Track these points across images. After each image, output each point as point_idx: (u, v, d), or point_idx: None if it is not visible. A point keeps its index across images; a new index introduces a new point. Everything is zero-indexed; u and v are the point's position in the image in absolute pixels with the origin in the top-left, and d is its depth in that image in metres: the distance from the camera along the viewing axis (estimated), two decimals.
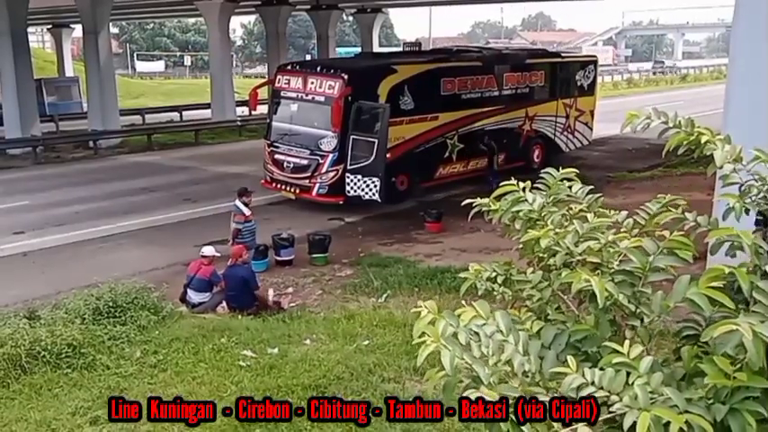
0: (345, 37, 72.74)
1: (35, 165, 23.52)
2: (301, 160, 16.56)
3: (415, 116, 17.29)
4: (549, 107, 21.47)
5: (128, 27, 78.17)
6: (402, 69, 17.31)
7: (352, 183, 15.82)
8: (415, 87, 17.19)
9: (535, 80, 20.99)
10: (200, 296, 10.25)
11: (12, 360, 6.98)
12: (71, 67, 48.71)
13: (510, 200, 2.91)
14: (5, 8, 24.76)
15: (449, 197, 17.39)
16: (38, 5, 27.35)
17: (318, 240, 13.04)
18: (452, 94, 18.39)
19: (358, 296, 10.70)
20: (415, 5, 46.29)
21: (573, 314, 2.62)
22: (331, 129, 16.00)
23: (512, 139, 20.16)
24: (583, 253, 2.62)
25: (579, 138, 22.84)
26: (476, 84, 18.99)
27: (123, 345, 7.70)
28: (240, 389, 6.55)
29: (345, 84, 15.96)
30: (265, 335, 8.14)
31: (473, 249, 13.10)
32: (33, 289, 11.09)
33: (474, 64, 19.54)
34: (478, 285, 2.91)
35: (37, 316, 8.13)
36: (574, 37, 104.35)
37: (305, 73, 16.97)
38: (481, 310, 2.47)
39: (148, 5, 38.09)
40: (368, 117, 15.91)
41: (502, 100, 19.74)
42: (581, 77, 22.60)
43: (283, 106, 17.43)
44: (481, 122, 19.10)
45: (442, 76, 18.07)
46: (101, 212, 16.37)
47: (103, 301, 8.30)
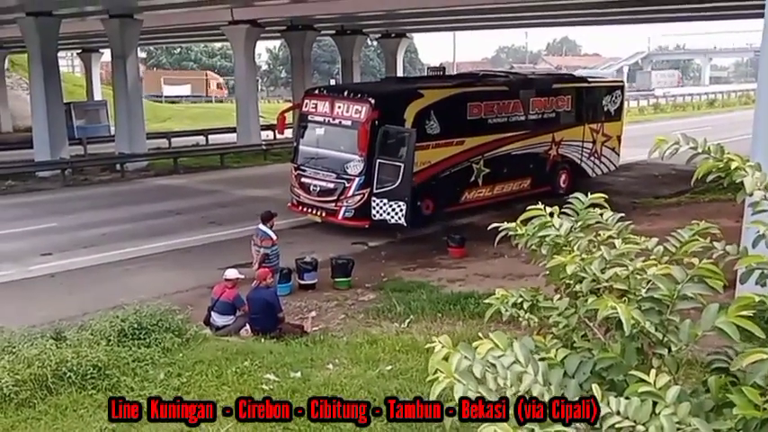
0: (370, 62, 73.26)
1: (63, 187, 23.91)
2: (328, 184, 16.61)
3: (440, 140, 17.32)
4: (576, 132, 21.42)
5: (155, 51, 79.32)
6: (428, 94, 17.38)
7: (378, 207, 15.86)
8: (441, 112, 17.23)
9: (562, 105, 20.95)
10: (224, 319, 10.28)
11: (38, 380, 7.02)
12: (100, 90, 49.44)
13: (536, 225, 2.89)
14: (37, 33, 25.32)
15: (472, 222, 17.38)
16: (68, 30, 27.85)
17: (341, 264, 13.06)
18: (478, 119, 18.40)
19: (381, 321, 10.66)
20: (440, 30, 46.44)
21: (599, 342, 2.59)
22: (357, 153, 16.09)
23: (538, 164, 20.12)
24: (609, 279, 2.60)
25: (606, 163, 22.73)
26: (502, 108, 18.99)
27: (147, 367, 7.71)
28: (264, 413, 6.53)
29: (372, 108, 16.05)
30: (288, 359, 8.13)
31: (497, 275, 13.03)
32: (60, 310, 11.19)
33: (500, 88, 19.62)
34: (503, 311, 2.89)
35: (63, 337, 8.16)
36: (599, 62, 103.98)
37: (332, 97, 17.08)
38: (498, 342, 2.44)
39: (176, 30, 38.58)
40: (394, 141, 15.96)
41: (528, 125, 19.73)
42: (608, 103, 22.54)
43: (310, 130, 17.54)
44: (507, 147, 19.08)
45: (468, 101, 18.11)
46: (127, 235, 16.55)
47: (129, 323, 8.34)
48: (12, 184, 23.90)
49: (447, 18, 32.59)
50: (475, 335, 8.54)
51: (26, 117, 34.94)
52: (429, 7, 26.62)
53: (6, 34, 34.29)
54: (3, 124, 44.02)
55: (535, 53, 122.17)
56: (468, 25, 40.13)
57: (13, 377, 6.96)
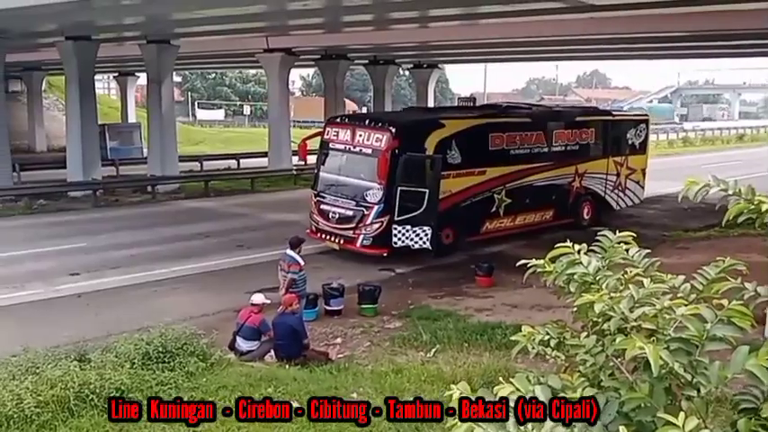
0: (401, 91, 73.70)
1: (94, 207, 24.24)
2: (346, 211, 16.69)
3: (462, 170, 17.38)
4: (600, 165, 21.39)
5: (190, 76, 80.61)
6: (450, 124, 17.49)
7: (400, 233, 15.94)
8: (462, 142, 17.31)
9: (585, 137, 20.96)
10: (249, 344, 10.26)
11: (60, 402, 6.97)
12: (134, 113, 50.26)
13: (565, 262, 2.86)
14: (75, 57, 25.90)
15: (501, 251, 17.27)
16: (106, 54, 28.43)
17: (368, 291, 13.03)
18: (500, 150, 18.46)
19: (406, 349, 10.58)
20: (471, 62, 46.68)
21: (627, 381, 2.54)
22: (377, 181, 16.20)
23: (561, 196, 20.17)
24: (638, 319, 2.56)
25: (630, 196, 22.68)
26: (524, 140, 19.01)
27: (171, 391, 7.61)
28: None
29: (393, 137, 16.14)
30: (312, 386, 8.04)
31: (525, 305, 12.91)
32: (86, 331, 11.15)
33: (523, 120, 19.66)
34: (530, 348, 2.84)
35: (87, 358, 8.11)
36: (629, 95, 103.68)
37: (353, 125, 17.23)
38: (519, 385, 2.42)
39: (211, 57, 39.25)
40: (418, 168, 16.13)
41: (551, 156, 19.74)
42: (632, 136, 22.49)
43: (331, 157, 17.66)
44: (530, 178, 19.11)
45: (490, 132, 18.20)
46: (156, 256, 16.69)
47: (153, 346, 8.29)
48: (44, 204, 24.24)
49: (478, 50, 32.77)
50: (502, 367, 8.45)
51: (60, 137, 35.59)
52: (460, 39, 26.83)
53: (45, 56, 35.08)
54: (38, 144, 44.88)
55: (565, 85, 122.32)
56: (499, 57, 40.32)
57: (36, 398, 6.90)
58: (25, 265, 15.77)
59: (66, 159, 26.95)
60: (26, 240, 18.15)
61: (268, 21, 23.14)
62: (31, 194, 24.69)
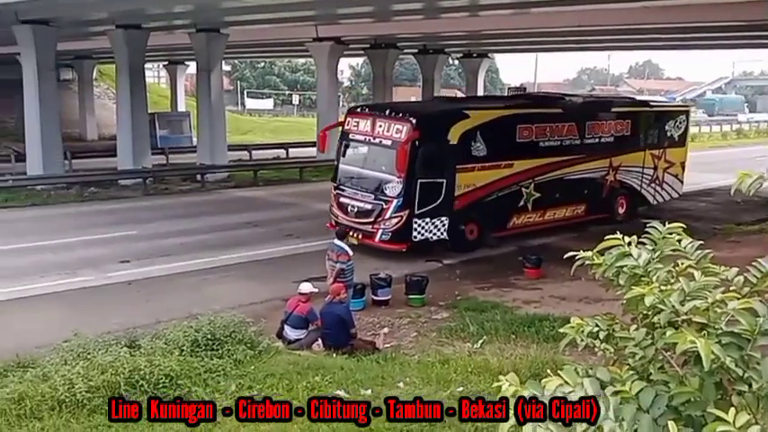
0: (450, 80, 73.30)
1: (144, 196, 24.66)
2: (365, 205, 16.21)
3: (487, 163, 16.79)
4: (636, 158, 20.70)
5: (240, 65, 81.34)
6: (475, 115, 16.87)
7: (420, 227, 15.66)
8: (488, 133, 16.70)
9: (621, 129, 20.18)
10: (297, 333, 10.35)
11: (111, 387, 7.08)
12: (184, 102, 50.95)
13: (615, 254, 2.81)
14: (125, 45, 26.32)
15: (549, 243, 17.09)
16: (156, 43, 28.86)
17: (415, 282, 13.01)
18: (529, 142, 17.83)
19: (453, 340, 10.55)
20: (522, 51, 46.13)
21: (676, 375, 2.49)
22: (396, 174, 15.65)
23: (594, 190, 19.53)
24: (689, 312, 2.52)
25: (668, 190, 21.98)
26: (555, 131, 18.37)
27: (219, 378, 7.73)
28: (332, 429, 6.50)
29: (413, 128, 15.60)
30: (359, 375, 8.08)
31: (573, 298, 12.79)
32: (135, 317, 11.41)
33: (554, 111, 18.96)
34: (579, 341, 2.80)
35: (137, 345, 8.28)
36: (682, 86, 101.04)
37: (374, 116, 16.67)
38: (568, 378, 2.39)
39: (260, 45, 39.53)
40: (436, 159, 15.77)
41: (584, 149, 19.07)
42: (671, 128, 21.67)
43: (351, 149, 17.28)
44: (560, 171, 18.46)
45: (518, 123, 17.58)
46: (205, 245, 16.93)
47: (202, 334, 8.40)
48: (95, 191, 24.76)
49: (529, 39, 32.37)
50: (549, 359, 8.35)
51: (111, 125, 36.24)
52: (511, 28, 26.54)
53: (96, 45, 35.75)
54: (88, 132, 45.77)
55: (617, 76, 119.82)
56: (550, 47, 39.82)
57: (87, 383, 7.03)
58: (77, 252, 16.13)
59: (117, 148, 27.48)
60: (78, 228, 18.56)
61: (317, 9, 23.24)
62: (83, 182, 25.22)
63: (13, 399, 6.85)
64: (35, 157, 25.30)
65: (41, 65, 24.90)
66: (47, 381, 7.13)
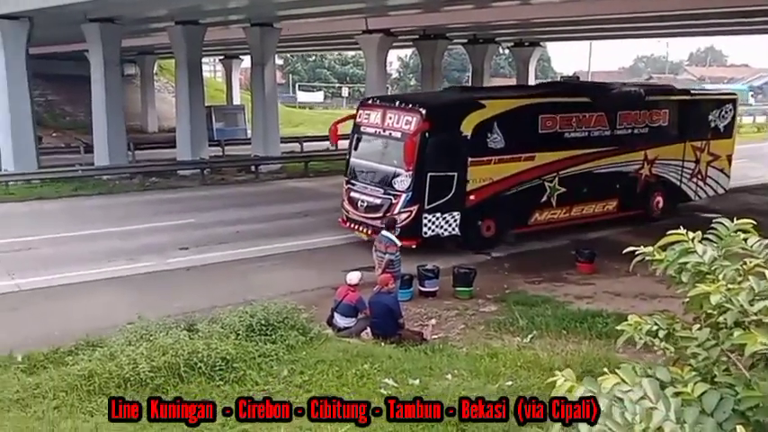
0: (500, 70, 72.61)
1: (202, 186, 25.21)
2: (375, 199, 15.62)
3: (505, 156, 15.90)
4: (675, 150, 19.38)
5: (291, 59, 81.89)
6: (491, 104, 15.94)
7: (430, 222, 15.10)
8: (506, 124, 15.80)
9: (657, 119, 18.85)
10: (346, 321, 10.46)
11: (171, 368, 7.30)
12: (238, 95, 51.65)
13: (677, 250, 2.75)
14: (184, 40, 26.93)
15: (602, 237, 16.87)
16: (212, 38, 29.34)
17: (463, 274, 13.00)
18: (553, 133, 16.78)
19: (502, 334, 10.51)
20: (575, 40, 45.34)
21: (743, 377, 2.43)
22: (404, 167, 15.03)
23: (627, 184, 18.38)
24: (758, 312, 2.44)
25: (712, 185, 20.58)
26: (582, 122, 17.27)
27: (272, 362, 7.88)
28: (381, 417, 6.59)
29: (423, 119, 14.92)
30: (407, 365, 8.12)
31: (628, 294, 12.63)
32: (194, 302, 11.74)
33: (580, 100, 17.74)
34: (637, 339, 2.77)
35: (196, 328, 8.49)
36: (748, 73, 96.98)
37: (384, 107, 16.05)
38: (625, 377, 2.36)
39: (312, 39, 39.71)
40: (447, 152, 15.18)
41: (615, 140, 17.92)
42: (715, 118, 20.20)
43: (361, 142, 16.60)
44: (588, 165, 17.36)
45: (540, 113, 16.56)
46: (259, 233, 17.18)
47: (256, 319, 8.56)
48: (155, 181, 25.48)
49: (582, 27, 31.79)
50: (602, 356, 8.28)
51: (170, 118, 37.04)
52: (564, 16, 26.06)
53: (156, 41, 36.56)
54: (149, 124, 46.89)
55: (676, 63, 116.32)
56: (604, 34, 38.99)
57: (150, 363, 7.28)
58: (140, 239, 16.60)
59: (176, 139, 28.15)
60: (140, 215, 19.09)
61: (367, 2, 23.29)
62: (145, 172, 26.12)
63: (84, 375, 7.16)
64: (102, 148, 26.06)
65: (107, 61, 25.59)
66: (113, 360, 7.42)
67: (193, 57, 27.58)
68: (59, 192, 23.07)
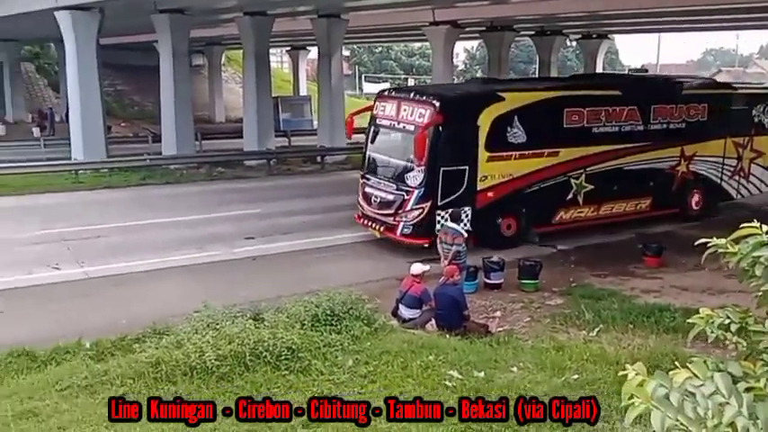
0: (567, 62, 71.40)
1: (268, 176, 25.54)
2: (387, 195, 15.11)
3: (526, 151, 15.29)
4: (714, 146, 18.34)
5: (358, 50, 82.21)
6: (511, 97, 15.32)
7: (443, 219, 14.39)
8: (528, 118, 15.19)
9: (695, 114, 17.83)
10: (411, 312, 10.48)
11: (237, 357, 7.37)
12: (305, 86, 52.15)
13: (751, 243, 2.69)
14: (252, 31, 27.28)
15: (670, 231, 16.50)
16: (279, 29, 29.68)
17: (529, 266, 12.91)
18: (579, 128, 16.01)
19: (568, 327, 10.43)
20: (643, 32, 44.29)
21: None
22: (416, 162, 14.53)
23: (661, 182, 17.47)
24: None
25: (756, 183, 19.51)
26: (612, 116, 16.45)
27: (337, 352, 7.90)
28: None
29: (436, 111, 14.31)
30: (472, 357, 8.10)
31: (695, 289, 12.39)
32: (259, 291, 11.92)
33: (610, 93, 16.98)
34: (709, 332, 2.72)
35: (261, 318, 8.58)
36: None
37: (399, 99, 15.53)
38: (697, 371, 2.32)
39: (378, 30, 39.84)
40: (462, 146, 14.63)
41: (648, 135, 17.03)
42: (760, 113, 19.08)
43: (377, 135, 16.15)
44: (619, 161, 16.59)
45: (565, 107, 15.82)
46: (324, 224, 17.34)
47: (321, 309, 8.61)
48: (222, 171, 25.93)
49: (652, 19, 31.02)
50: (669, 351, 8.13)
51: (236, 108, 37.70)
52: (633, 8, 25.48)
53: (224, 32, 37.20)
54: (217, 114, 47.77)
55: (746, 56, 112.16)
56: (674, 27, 38.03)
57: (216, 352, 7.36)
58: (207, 229, 16.95)
59: (243, 130, 28.57)
60: (207, 205, 19.47)
61: None
62: (212, 162, 26.61)
63: (151, 363, 7.29)
64: (169, 137, 26.64)
65: (176, 51, 26.12)
66: (180, 348, 7.53)
67: (261, 48, 27.95)
68: (128, 181, 23.67)
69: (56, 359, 9.17)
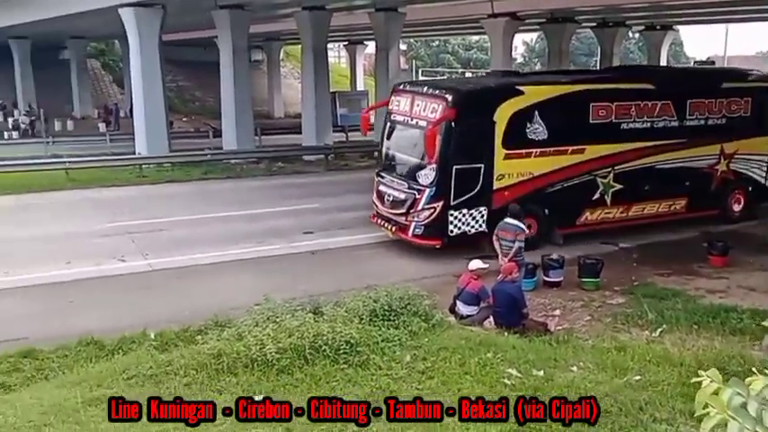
0: (629, 54, 69.98)
1: (326, 171, 25.75)
2: (399, 194, 14.59)
3: (548, 148, 14.57)
4: (758, 144, 17.16)
5: (415, 44, 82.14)
6: (531, 91, 14.62)
7: (456, 220, 14.04)
8: (549, 113, 14.48)
9: (736, 109, 16.75)
10: (469, 309, 10.42)
11: (297, 350, 7.41)
12: (362, 81, 52.37)
13: None
14: (310, 26, 27.50)
15: (737, 230, 16.04)
16: (337, 24, 29.83)
17: (590, 264, 12.69)
18: (607, 123, 15.21)
19: (629, 327, 10.23)
20: (710, 23, 43.05)
21: None
22: (426, 159, 14.04)
23: (699, 182, 16.45)
24: None
25: None
26: (643, 111, 15.54)
27: (395, 348, 7.88)
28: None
29: (448, 106, 13.71)
30: (531, 356, 8.00)
31: (763, 289, 12.06)
32: (318, 285, 11.96)
33: (642, 87, 15.92)
34: None
35: (320, 311, 8.63)
36: None
37: (413, 93, 14.92)
38: None
39: (436, 24, 39.74)
40: (477, 143, 13.98)
41: (683, 132, 16.04)
42: None
43: (390, 131, 15.65)
44: (651, 159, 15.70)
45: (591, 101, 15.04)
46: None
47: (380, 304, 8.60)
48: (281, 166, 26.23)
49: (719, 9, 30.16)
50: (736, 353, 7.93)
51: (294, 104, 38.10)
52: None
53: (283, 27, 37.55)
54: (276, 110, 48.35)
55: None
56: (742, 17, 36.87)
57: (276, 345, 7.41)
58: (266, 223, 17.17)
59: (302, 125, 28.82)
60: (266, 199, 19.77)
61: None
62: (271, 157, 26.86)
63: (213, 354, 7.39)
64: (230, 133, 27.12)
65: (236, 47, 26.52)
66: (241, 340, 7.62)
67: (319, 42, 28.14)
68: (190, 175, 24.18)
69: (122, 348, 9.43)
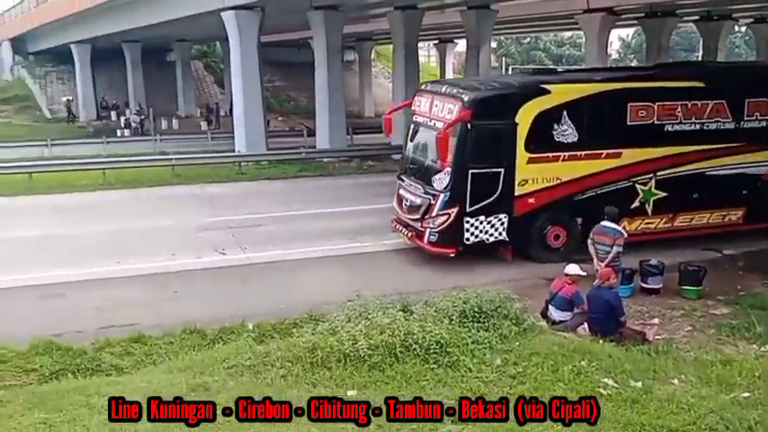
0: (735, 49, 67.10)
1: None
2: (416, 198, 14.00)
3: (579, 152, 13.64)
4: None
5: (505, 41, 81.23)
6: (558, 90, 13.65)
7: (472, 227, 13.37)
8: (580, 114, 13.56)
9: None
10: (562, 314, 10.11)
11: (388, 347, 7.42)
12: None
13: None
14: (402, 25, 27.66)
15: None
16: (428, 22, 29.78)
17: (692, 272, 12.13)
18: (647, 125, 14.01)
19: (735, 340, 9.76)
20: None
21: None
22: (439, 162, 13.40)
23: (757, 190, 14.95)
24: None
25: None
26: (691, 111, 14.27)
27: (485, 350, 7.76)
28: (601, 419, 6.28)
29: (464, 107, 13.01)
30: (628, 365, 7.69)
31: None
32: (407, 283, 11.91)
33: (689, 85, 14.62)
34: None
35: (410, 310, 8.57)
36: None
37: (433, 93, 14.28)
38: None
39: (528, 20, 39.13)
40: (495, 145, 13.23)
41: (739, 134, 14.64)
42: None
43: (413, 133, 14.97)
44: (701, 164, 14.43)
45: (629, 101, 13.92)
46: None
47: (470, 306, 8.48)
48: (372, 165, 26.46)
49: None
50: None
51: (385, 103, 38.25)
52: None
53: (375, 27, 37.81)
54: (366, 109, 48.80)
55: None
56: None
57: (368, 341, 7.46)
58: (357, 220, 17.34)
59: None
60: (357, 197, 20.00)
61: None
62: (362, 156, 27.24)
63: (308, 348, 7.50)
64: (323, 132, 27.58)
65: (330, 47, 26.86)
66: (334, 335, 7.69)
67: (410, 41, 28.22)
68: (285, 173, 24.87)
69: (222, 338, 9.83)
